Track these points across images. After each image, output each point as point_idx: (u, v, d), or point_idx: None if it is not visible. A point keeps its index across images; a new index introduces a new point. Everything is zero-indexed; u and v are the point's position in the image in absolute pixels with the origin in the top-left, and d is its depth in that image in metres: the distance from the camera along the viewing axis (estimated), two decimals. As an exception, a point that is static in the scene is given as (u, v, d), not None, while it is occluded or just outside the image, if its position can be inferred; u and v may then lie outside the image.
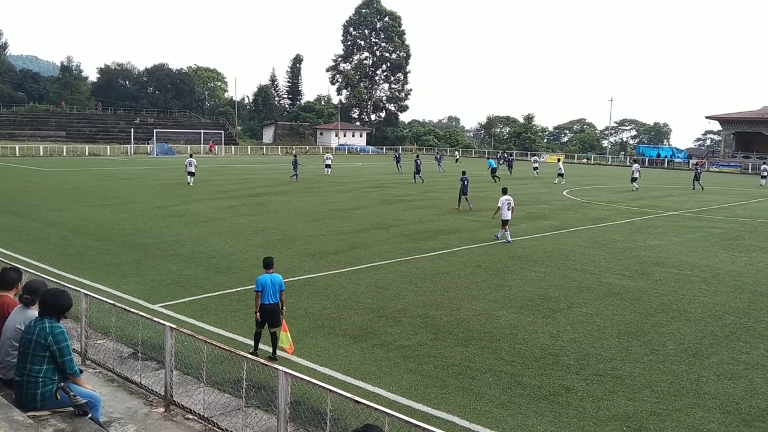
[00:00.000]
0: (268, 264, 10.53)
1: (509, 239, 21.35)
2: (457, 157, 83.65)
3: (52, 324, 5.70)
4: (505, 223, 21.71)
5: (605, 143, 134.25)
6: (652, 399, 9.15)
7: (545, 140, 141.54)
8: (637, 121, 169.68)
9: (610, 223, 27.08)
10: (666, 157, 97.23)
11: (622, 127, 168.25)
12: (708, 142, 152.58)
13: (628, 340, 11.66)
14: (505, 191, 22.77)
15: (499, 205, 21.98)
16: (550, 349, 11.01)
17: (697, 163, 68.26)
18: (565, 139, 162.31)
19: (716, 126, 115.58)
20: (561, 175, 50.14)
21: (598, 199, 37.95)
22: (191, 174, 38.57)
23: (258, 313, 10.21)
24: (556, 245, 21.00)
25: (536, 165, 64.37)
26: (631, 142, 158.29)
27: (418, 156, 55.49)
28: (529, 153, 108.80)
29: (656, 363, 10.56)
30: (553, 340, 11.48)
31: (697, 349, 11.32)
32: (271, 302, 10.24)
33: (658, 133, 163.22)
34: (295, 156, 48.14)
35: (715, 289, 15.75)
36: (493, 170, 50.98)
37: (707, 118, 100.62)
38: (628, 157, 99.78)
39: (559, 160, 55.96)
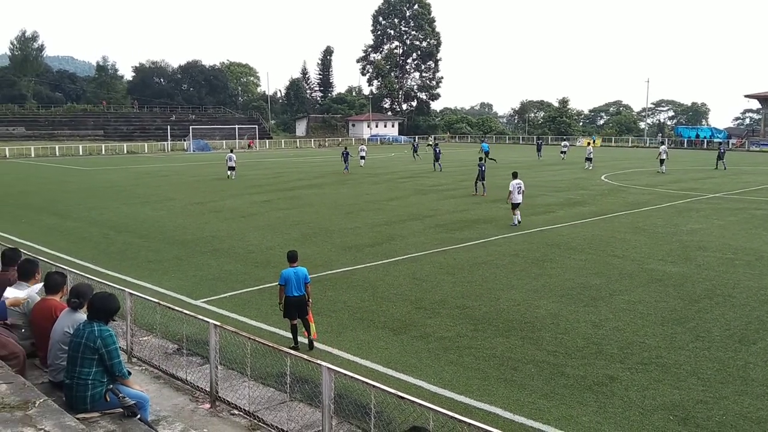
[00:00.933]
0: (292, 258, 10.78)
1: (516, 222, 21.85)
2: (430, 142, 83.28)
3: (101, 327, 5.81)
4: (515, 206, 22.10)
5: (642, 125, 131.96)
6: (699, 387, 8.99)
7: (581, 123, 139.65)
8: (674, 101, 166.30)
9: (650, 207, 26.64)
10: (705, 137, 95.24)
11: (659, 108, 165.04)
12: (747, 120, 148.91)
13: (672, 327, 11.47)
14: (515, 175, 22.95)
15: (510, 189, 22.32)
16: (593, 339, 10.89)
17: (720, 143, 66.79)
18: (602, 121, 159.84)
19: (755, 104, 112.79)
20: (589, 159, 48.80)
21: (637, 182, 37.34)
22: (231, 168, 39.69)
23: (280, 303, 10.55)
24: (595, 232, 20.73)
25: (564, 149, 63.76)
26: (669, 123, 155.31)
27: (437, 144, 55.26)
28: (563, 137, 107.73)
29: (702, 350, 10.37)
30: (596, 329, 11.35)
31: (743, 334, 11.09)
32: (296, 295, 10.44)
33: (696, 113, 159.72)
34: (345, 149, 48.82)
35: (759, 272, 15.40)
36: (486, 154, 51.02)
37: (746, 96, 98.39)
38: (661, 137, 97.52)
39: (588, 144, 54.73)
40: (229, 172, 39.51)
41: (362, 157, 52.03)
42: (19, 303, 7.19)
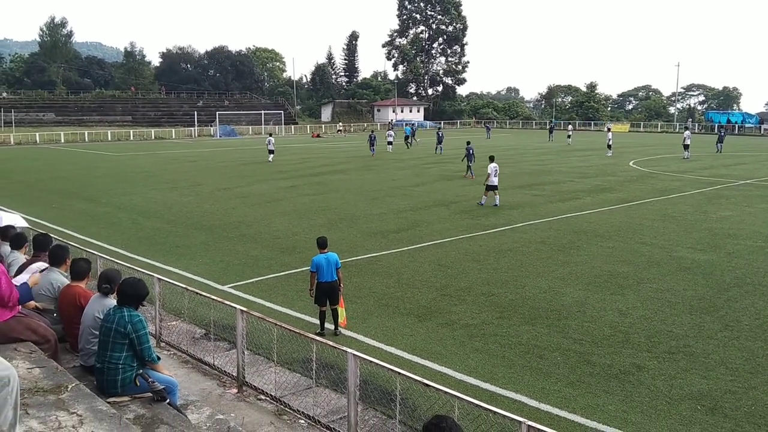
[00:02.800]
0: (322, 244, 10.81)
1: (484, 202, 23.16)
2: (339, 128, 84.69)
3: (131, 313, 5.90)
4: (492, 188, 23.26)
5: (672, 110, 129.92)
6: (727, 377, 8.89)
7: (609, 108, 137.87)
8: (705, 86, 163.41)
9: (679, 194, 26.28)
10: (736, 122, 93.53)
11: (689, 93, 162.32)
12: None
13: (700, 316, 11.34)
14: (492, 159, 24.05)
15: (489, 171, 23.30)
16: (620, 327, 10.80)
17: (721, 127, 66.00)
18: (630, 106, 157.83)
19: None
20: (609, 146, 47.93)
21: (666, 169, 36.84)
22: (271, 152, 41.49)
23: (312, 290, 10.60)
24: (623, 219, 20.51)
25: (570, 133, 63.81)
26: (699, 107, 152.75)
27: (440, 129, 56.96)
28: (592, 123, 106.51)
29: (730, 339, 10.24)
30: (623, 318, 11.25)
31: (774, 324, 10.93)
32: (329, 280, 10.50)
33: (727, 98, 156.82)
34: (372, 132, 50.50)
35: (792, 261, 15.14)
36: (406, 137, 52.82)
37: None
38: (692, 123, 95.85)
39: (609, 130, 53.78)
40: (270, 156, 41.31)
41: (390, 143, 52.33)
42: (36, 282, 7.38)
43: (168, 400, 5.79)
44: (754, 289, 12.92)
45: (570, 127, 69.57)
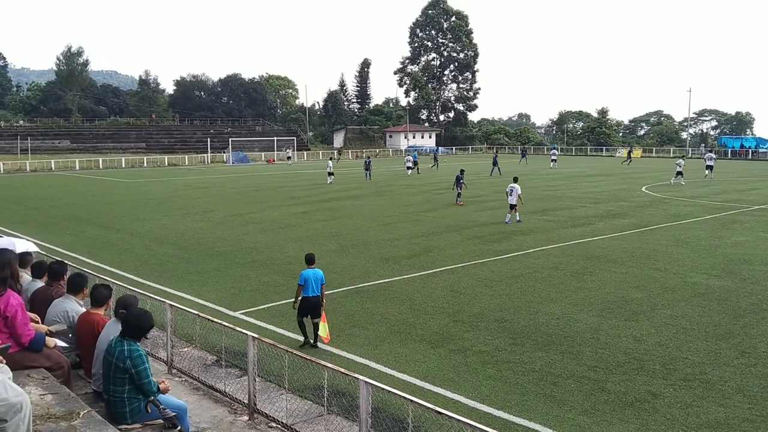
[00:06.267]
0: (310, 260, 11.43)
1: (508, 221, 24.74)
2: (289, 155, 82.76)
3: (131, 347, 5.88)
4: (511, 207, 25.04)
5: (684, 135, 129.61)
6: (744, 405, 8.76)
7: (620, 134, 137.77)
8: (717, 111, 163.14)
9: (693, 219, 26.12)
10: (750, 147, 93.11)
11: (701, 118, 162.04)
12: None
13: (716, 342, 11.20)
14: (515, 180, 26.20)
15: (506, 190, 25.68)
16: (635, 354, 10.69)
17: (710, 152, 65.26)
18: (642, 132, 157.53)
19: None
20: (680, 173, 43.89)
21: (679, 194, 36.66)
22: (330, 174, 45.04)
23: (296, 302, 11.24)
24: (636, 244, 20.39)
25: (554, 157, 64.30)
26: (712, 132, 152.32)
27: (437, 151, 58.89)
28: (604, 148, 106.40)
29: (747, 366, 10.10)
30: (637, 344, 11.14)
31: (792, 351, 10.77)
32: (313, 295, 11.11)
33: (740, 123, 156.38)
34: (368, 158, 52.65)
35: (809, 287, 14.95)
36: (415, 163, 54.57)
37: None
38: (707, 149, 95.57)
39: (682, 157, 50.75)
40: (329, 178, 44.74)
41: (409, 168, 53.98)
42: (54, 346, 6.93)
43: (179, 427, 5.78)
44: (770, 315, 12.76)
45: (554, 151, 69.74)
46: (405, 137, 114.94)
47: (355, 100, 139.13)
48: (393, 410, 8.02)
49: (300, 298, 11.15)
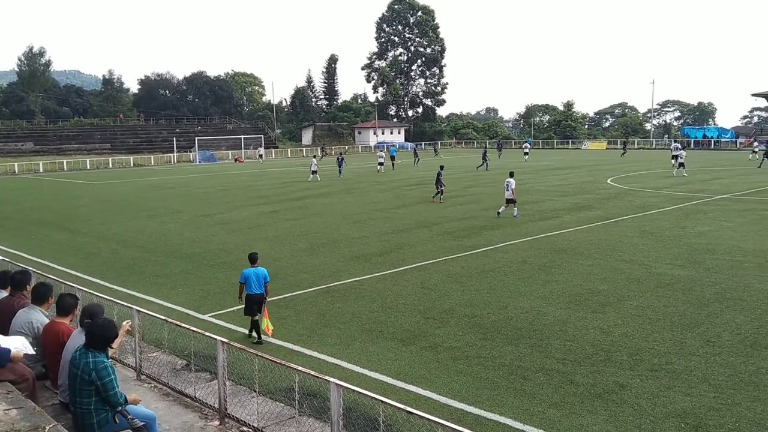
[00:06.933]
0: (253, 259, 11.85)
1: (499, 215, 25.20)
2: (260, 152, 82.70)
3: (96, 359, 5.79)
4: (507, 201, 25.44)
5: (648, 126, 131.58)
6: (710, 393, 8.93)
7: (586, 126, 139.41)
8: (680, 101, 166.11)
9: (657, 210, 26.55)
10: (712, 137, 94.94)
11: (665, 109, 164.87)
12: (755, 119, 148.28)
13: (681, 332, 11.41)
14: (511, 174, 26.05)
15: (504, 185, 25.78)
16: (602, 345, 10.84)
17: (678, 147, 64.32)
18: (607, 124, 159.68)
19: (763, 103, 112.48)
20: (682, 165, 44.11)
21: (644, 185, 37.24)
22: (314, 172, 45.51)
23: (240, 298, 11.68)
24: (602, 236, 20.67)
25: (527, 150, 66.83)
26: (675, 123, 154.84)
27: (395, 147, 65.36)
28: (570, 141, 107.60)
29: (712, 355, 10.30)
30: (605, 336, 11.30)
31: (754, 339, 11.01)
32: (256, 293, 11.48)
33: (702, 113, 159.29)
34: (340, 155, 53.16)
35: (770, 275, 15.30)
36: (392, 157, 56.96)
37: (753, 95, 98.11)
38: (670, 140, 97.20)
39: (683, 148, 49.87)
40: (311, 176, 45.29)
41: (380, 164, 54.10)
42: (19, 358, 6.71)
43: (148, 437, 5.73)
44: (734, 304, 13.03)
45: (527, 144, 73.26)
46: (374, 133, 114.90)
47: (323, 97, 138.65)
48: (365, 410, 8.04)
49: (244, 295, 11.54)
